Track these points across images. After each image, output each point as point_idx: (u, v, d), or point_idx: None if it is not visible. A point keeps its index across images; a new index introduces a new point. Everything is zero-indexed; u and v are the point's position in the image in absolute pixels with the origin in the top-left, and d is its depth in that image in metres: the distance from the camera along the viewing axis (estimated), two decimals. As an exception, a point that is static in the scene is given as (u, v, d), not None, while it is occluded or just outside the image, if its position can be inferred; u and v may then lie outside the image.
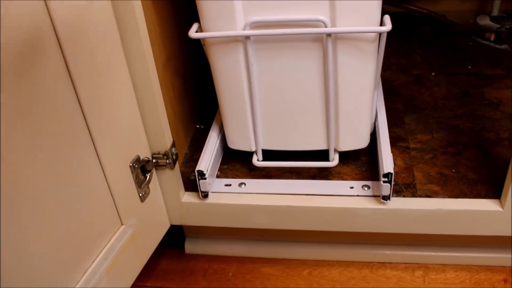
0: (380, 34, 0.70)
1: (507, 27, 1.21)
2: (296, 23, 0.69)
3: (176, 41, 0.87)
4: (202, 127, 0.98)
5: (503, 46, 1.19)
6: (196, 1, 0.70)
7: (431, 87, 1.05)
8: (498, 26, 1.22)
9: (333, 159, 0.82)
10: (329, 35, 0.69)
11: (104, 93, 0.64)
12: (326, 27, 0.68)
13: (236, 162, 0.88)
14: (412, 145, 0.89)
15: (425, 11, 1.30)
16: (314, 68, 0.73)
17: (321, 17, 0.68)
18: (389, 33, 0.69)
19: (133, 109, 0.71)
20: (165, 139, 0.75)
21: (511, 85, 1.04)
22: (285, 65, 0.73)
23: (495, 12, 1.27)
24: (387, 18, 0.69)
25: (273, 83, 0.75)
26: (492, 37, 1.20)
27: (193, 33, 0.71)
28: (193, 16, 0.74)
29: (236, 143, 0.84)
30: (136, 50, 0.67)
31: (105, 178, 0.68)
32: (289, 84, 0.75)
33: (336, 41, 0.70)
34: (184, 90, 0.92)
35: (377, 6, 0.67)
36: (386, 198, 0.76)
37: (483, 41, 1.21)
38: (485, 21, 1.27)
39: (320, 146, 0.82)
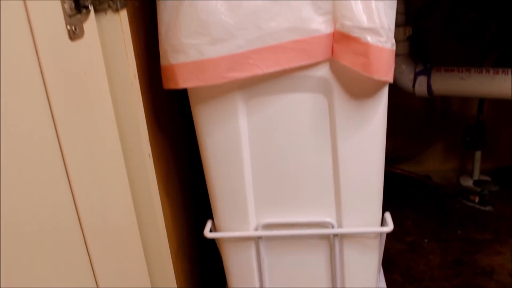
0: (382, 231, 0.76)
1: (490, 190, 1.30)
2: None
3: (185, 230, 0.91)
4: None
5: (488, 208, 1.26)
6: (212, 204, 0.75)
7: (426, 255, 1.10)
8: (480, 189, 1.30)
9: None
10: (336, 235, 0.74)
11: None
12: (333, 227, 0.73)
13: None
14: (415, 323, 0.92)
15: (411, 175, 1.38)
16: (321, 262, 0.77)
17: (328, 219, 0.73)
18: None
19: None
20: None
21: (501, 250, 1.10)
22: (294, 259, 0.78)
23: (476, 172, 1.36)
24: (388, 216, 0.75)
25: (282, 275, 0.79)
26: (477, 200, 1.28)
27: (208, 233, 0.76)
28: (202, 205, 0.78)
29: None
30: (155, 249, 0.71)
31: None
32: (298, 276, 0.79)
33: (342, 239, 0.75)
34: (193, 273, 0.95)
35: (378, 207, 0.74)
36: None
37: (468, 203, 1.29)
38: (468, 182, 1.35)
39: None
